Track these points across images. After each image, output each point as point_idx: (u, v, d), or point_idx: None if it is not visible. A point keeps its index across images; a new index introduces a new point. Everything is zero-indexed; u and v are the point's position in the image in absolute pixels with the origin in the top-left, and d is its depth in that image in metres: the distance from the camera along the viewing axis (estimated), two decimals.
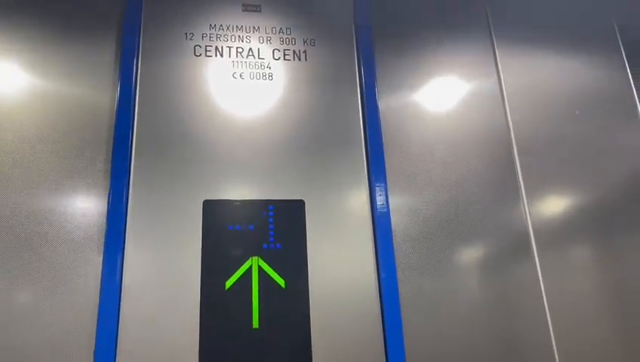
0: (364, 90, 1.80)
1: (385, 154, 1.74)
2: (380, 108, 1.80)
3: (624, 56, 2.16)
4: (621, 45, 2.18)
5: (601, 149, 1.97)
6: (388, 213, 1.66)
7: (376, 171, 1.70)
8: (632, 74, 2.13)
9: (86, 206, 1.51)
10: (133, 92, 1.64)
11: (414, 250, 1.66)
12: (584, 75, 2.09)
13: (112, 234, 1.48)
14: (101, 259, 1.45)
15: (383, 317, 1.54)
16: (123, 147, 1.57)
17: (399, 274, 1.61)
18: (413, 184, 1.75)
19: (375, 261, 1.59)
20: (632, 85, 2.10)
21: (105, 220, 1.50)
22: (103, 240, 1.48)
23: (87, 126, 1.60)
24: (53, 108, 1.60)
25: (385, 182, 1.70)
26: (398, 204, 1.71)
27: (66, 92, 1.62)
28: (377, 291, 1.56)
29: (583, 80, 2.08)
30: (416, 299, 1.61)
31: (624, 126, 2.03)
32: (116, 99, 1.63)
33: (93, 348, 1.37)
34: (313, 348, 1.46)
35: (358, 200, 1.66)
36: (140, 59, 1.68)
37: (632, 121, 2.04)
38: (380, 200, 1.66)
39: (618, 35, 2.20)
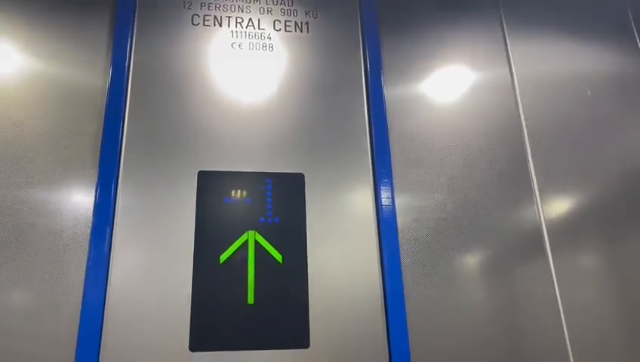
0: (368, 65, 1.73)
1: (389, 133, 1.66)
2: (384, 83, 1.73)
3: (637, 39, 2.09)
4: (634, 28, 2.10)
5: (620, 138, 1.86)
6: (392, 193, 1.58)
7: (380, 148, 1.63)
8: None
9: (75, 181, 1.44)
10: (127, 61, 1.58)
11: (417, 241, 1.58)
12: (597, 60, 2.00)
13: (102, 207, 1.41)
14: (89, 233, 1.39)
15: (384, 295, 1.45)
16: (115, 115, 1.51)
17: (403, 260, 1.52)
18: (419, 171, 1.66)
19: (377, 238, 1.51)
20: None
21: (94, 191, 1.43)
22: (91, 212, 1.41)
23: (79, 101, 1.53)
24: (43, 84, 1.53)
25: (389, 162, 1.62)
26: (403, 193, 1.62)
27: (57, 68, 1.56)
28: (379, 268, 1.48)
29: (597, 64, 1.99)
30: (420, 282, 1.53)
31: None
32: (109, 69, 1.57)
33: (78, 321, 1.30)
34: (311, 326, 1.38)
35: (361, 176, 1.58)
36: (135, 28, 1.63)
37: None
38: (383, 176, 1.59)
39: (631, 17, 2.12)
